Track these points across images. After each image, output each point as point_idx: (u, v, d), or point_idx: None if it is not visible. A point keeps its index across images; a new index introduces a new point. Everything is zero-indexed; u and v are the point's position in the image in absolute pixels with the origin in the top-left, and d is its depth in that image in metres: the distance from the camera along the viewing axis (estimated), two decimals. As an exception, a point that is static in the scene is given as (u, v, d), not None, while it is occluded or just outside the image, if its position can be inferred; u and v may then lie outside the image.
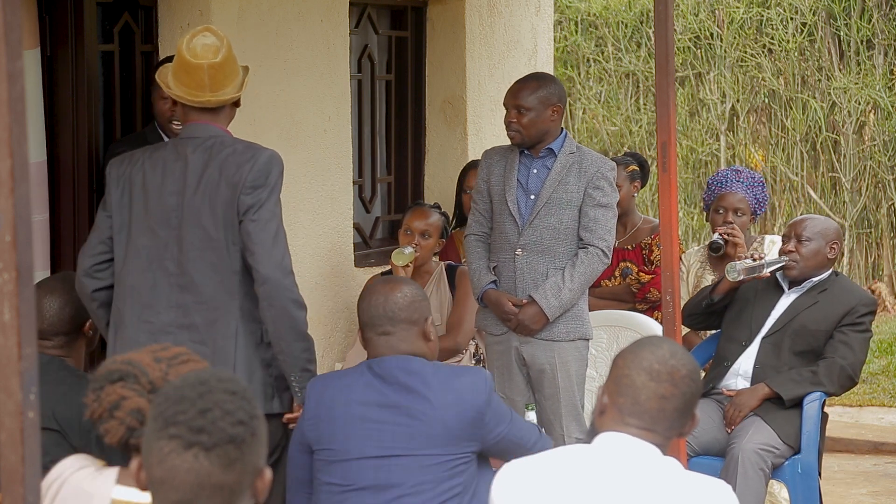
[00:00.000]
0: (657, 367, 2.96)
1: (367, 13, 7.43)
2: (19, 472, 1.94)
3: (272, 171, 4.49)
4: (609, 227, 5.74)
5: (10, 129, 1.91)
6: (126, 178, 4.57)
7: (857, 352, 5.80)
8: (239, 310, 4.49)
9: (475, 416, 4.01)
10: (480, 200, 5.90)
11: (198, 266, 4.49)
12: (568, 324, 5.74)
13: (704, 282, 6.57)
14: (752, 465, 5.56)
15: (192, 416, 2.24)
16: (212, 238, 4.48)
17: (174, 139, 4.63)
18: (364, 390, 4.06)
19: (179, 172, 4.51)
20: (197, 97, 4.51)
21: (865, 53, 12.42)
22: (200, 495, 2.24)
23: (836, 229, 5.97)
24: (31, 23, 5.64)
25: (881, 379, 9.92)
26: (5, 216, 1.91)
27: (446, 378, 4.06)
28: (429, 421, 3.99)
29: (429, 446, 3.99)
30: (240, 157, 4.49)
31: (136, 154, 4.66)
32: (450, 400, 4.00)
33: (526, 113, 5.70)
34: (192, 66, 4.48)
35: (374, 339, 4.10)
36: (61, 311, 4.37)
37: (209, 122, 4.56)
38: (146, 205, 4.54)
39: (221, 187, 4.46)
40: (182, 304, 4.50)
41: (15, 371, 1.93)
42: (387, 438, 4.01)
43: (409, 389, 4.02)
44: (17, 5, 1.91)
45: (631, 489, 2.91)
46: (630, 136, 13.16)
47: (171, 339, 4.44)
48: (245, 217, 4.45)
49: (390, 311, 4.07)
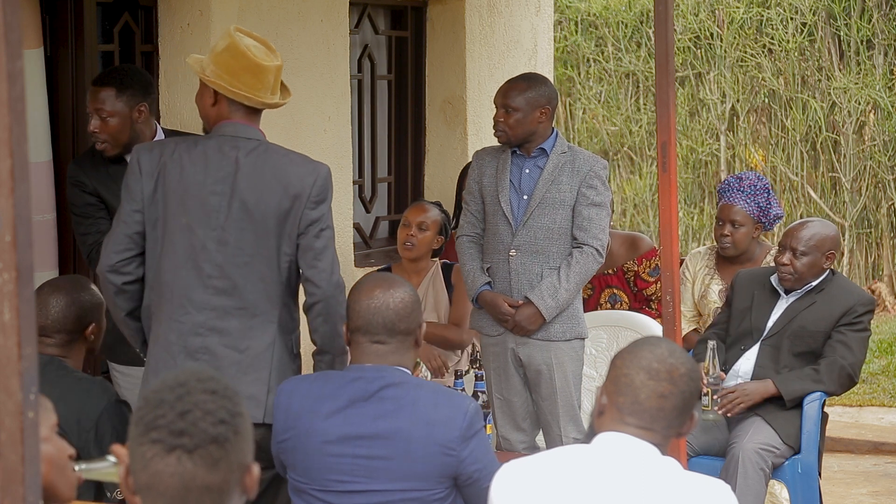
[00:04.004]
0: (656, 365, 2.97)
1: (367, 13, 7.43)
2: (19, 472, 1.94)
3: (330, 186, 4.48)
4: (603, 225, 5.73)
5: (10, 129, 1.91)
6: (162, 172, 4.44)
7: (856, 351, 5.79)
8: (279, 319, 4.44)
9: (445, 451, 3.75)
10: (472, 201, 5.89)
11: (243, 272, 4.41)
12: (564, 324, 5.74)
13: (711, 291, 6.50)
14: (752, 464, 5.56)
15: (171, 419, 2.23)
16: (262, 246, 4.41)
17: (216, 136, 4.49)
18: (329, 418, 3.81)
19: (227, 172, 4.41)
20: (266, 99, 4.46)
21: (865, 53, 12.42)
22: (188, 498, 2.23)
23: (834, 239, 5.89)
24: (34, 22, 5.64)
25: (881, 379, 9.92)
26: (5, 216, 1.91)
27: (426, 407, 3.78)
28: (392, 455, 3.76)
29: (394, 480, 3.76)
30: (300, 168, 4.44)
31: (168, 144, 4.55)
32: (419, 433, 3.75)
33: (513, 113, 5.69)
34: (261, 67, 4.43)
35: (364, 345, 3.86)
36: (66, 310, 4.36)
37: (252, 122, 4.49)
38: (183, 201, 4.42)
39: (280, 197, 4.40)
40: (218, 307, 4.42)
41: (15, 371, 1.93)
42: (346, 471, 3.79)
43: (378, 414, 3.77)
44: (17, 5, 1.90)
45: (630, 489, 2.91)
46: (630, 136, 13.16)
47: (201, 340, 4.41)
48: (308, 231, 4.41)
49: (389, 322, 3.83)
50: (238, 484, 2.29)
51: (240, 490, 2.29)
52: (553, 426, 5.75)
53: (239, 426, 2.28)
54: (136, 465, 2.26)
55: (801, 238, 5.83)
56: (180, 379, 2.29)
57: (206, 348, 4.41)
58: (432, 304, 6.50)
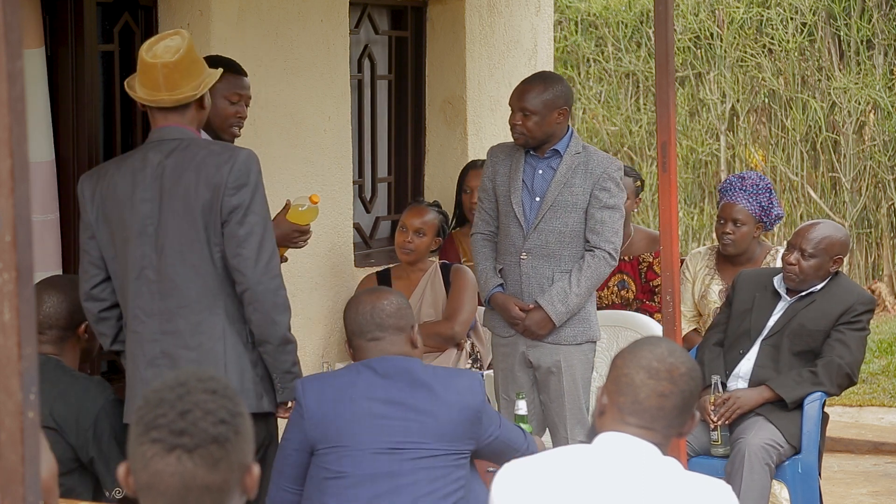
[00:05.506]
0: (656, 365, 2.97)
1: (367, 13, 7.43)
2: (19, 472, 1.94)
3: (252, 170, 4.44)
4: (616, 228, 5.68)
5: (10, 129, 1.91)
6: (98, 196, 4.52)
7: (854, 351, 5.78)
8: (224, 310, 4.45)
9: (474, 416, 4.14)
10: (486, 199, 5.86)
11: (178, 270, 4.44)
12: (575, 327, 5.71)
13: (711, 291, 6.51)
14: (758, 459, 5.55)
15: (172, 418, 2.23)
16: (192, 241, 4.43)
17: (143, 145, 4.58)
18: (367, 387, 4.13)
19: (151, 178, 4.46)
20: (153, 96, 4.47)
21: (865, 53, 12.42)
22: (188, 498, 2.23)
23: (843, 243, 5.87)
24: (36, 22, 5.64)
25: (881, 379, 9.92)
26: (5, 216, 1.91)
27: (446, 378, 4.18)
28: (435, 417, 4.09)
29: (437, 440, 4.09)
30: (217, 157, 4.43)
31: (105, 167, 4.63)
32: (452, 399, 4.12)
33: (531, 116, 5.63)
34: (147, 65, 4.46)
35: (364, 346, 4.19)
36: (58, 306, 4.38)
37: (175, 123, 4.51)
38: (121, 217, 4.48)
39: (200, 189, 4.41)
40: (164, 311, 4.45)
41: (15, 371, 1.93)
42: (398, 433, 4.09)
43: (414, 385, 4.12)
44: (17, 5, 1.90)
45: (631, 489, 2.91)
46: (630, 136, 13.16)
47: (159, 346, 4.44)
48: (230, 218, 4.40)
49: (378, 318, 4.16)
50: (238, 484, 2.29)
51: (240, 490, 2.29)
52: (560, 428, 5.73)
53: (239, 426, 2.28)
54: (137, 465, 2.26)
55: (811, 240, 5.81)
56: (181, 378, 2.29)
57: (164, 352, 4.45)
58: (431, 302, 6.50)
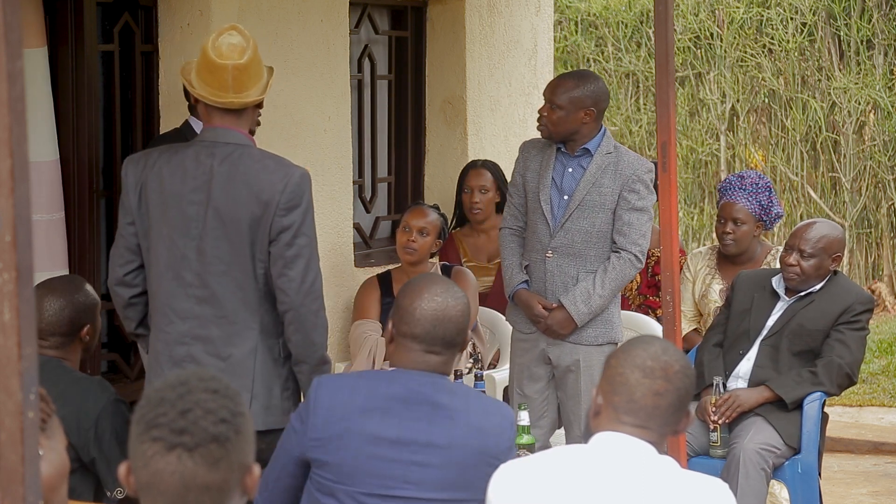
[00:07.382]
0: (650, 363, 2.97)
1: (367, 13, 7.44)
2: (19, 472, 1.94)
3: (305, 190, 4.38)
4: (644, 231, 5.66)
5: (10, 129, 1.91)
6: (142, 184, 4.44)
7: (854, 350, 5.78)
8: (259, 325, 4.42)
9: (490, 462, 3.55)
10: (516, 194, 5.84)
11: (220, 280, 4.40)
12: (597, 328, 5.71)
13: (711, 291, 6.50)
14: (753, 464, 5.56)
15: (172, 417, 2.23)
16: (237, 253, 4.38)
17: (196, 143, 4.48)
18: (380, 420, 3.65)
19: (203, 181, 4.39)
20: (220, 98, 4.38)
21: (865, 53, 12.42)
22: (188, 497, 2.23)
23: (840, 241, 5.88)
24: (38, 22, 5.64)
25: (881, 379, 9.92)
26: (5, 216, 1.92)
27: (477, 415, 3.67)
28: (444, 463, 3.63)
29: (435, 489, 3.64)
30: (271, 175, 4.36)
31: (152, 155, 4.52)
32: (472, 440, 3.64)
33: (557, 110, 5.62)
34: (216, 66, 4.36)
35: (416, 353, 3.66)
36: (60, 313, 4.36)
37: (232, 125, 4.42)
38: (164, 212, 4.42)
39: (252, 204, 4.35)
40: (199, 316, 4.42)
41: (15, 371, 1.93)
42: (396, 478, 3.64)
43: (434, 416, 3.64)
44: (17, 5, 1.91)
45: (627, 488, 2.91)
46: (630, 136, 13.16)
47: (185, 349, 4.43)
48: (280, 238, 4.35)
49: (450, 336, 3.65)
50: (238, 484, 2.29)
51: (240, 490, 2.29)
52: (574, 426, 5.72)
53: (240, 426, 2.28)
54: (137, 464, 2.26)
55: (808, 240, 5.81)
56: (182, 378, 2.29)
57: (191, 356, 4.43)
58: (430, 303, 6.48)
